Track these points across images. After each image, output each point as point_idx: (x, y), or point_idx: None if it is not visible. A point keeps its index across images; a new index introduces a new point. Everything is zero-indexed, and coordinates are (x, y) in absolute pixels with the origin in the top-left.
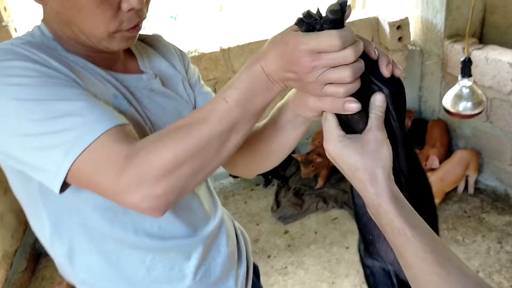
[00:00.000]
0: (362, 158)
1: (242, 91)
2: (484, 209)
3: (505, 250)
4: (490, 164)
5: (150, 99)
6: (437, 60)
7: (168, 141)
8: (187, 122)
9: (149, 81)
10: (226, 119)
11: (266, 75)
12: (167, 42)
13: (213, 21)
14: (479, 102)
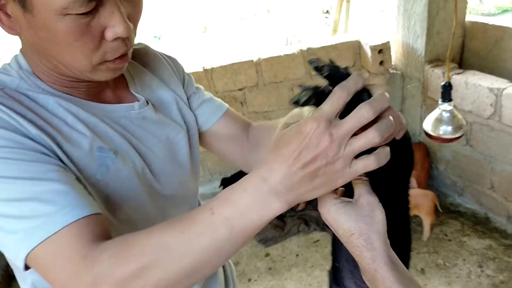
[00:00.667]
0: (356, 223)
1: (232, 204)
2: (465, 233)
3: (486, 274)
4: (470, 188)
5: (143, 128)
6: (418, 84)
7: (135, 250)
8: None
9: (141, 109)
10: (207, 234)
11: (266, 185)
12: (156, 53)
13: (197, 42)
14: (460, 126)
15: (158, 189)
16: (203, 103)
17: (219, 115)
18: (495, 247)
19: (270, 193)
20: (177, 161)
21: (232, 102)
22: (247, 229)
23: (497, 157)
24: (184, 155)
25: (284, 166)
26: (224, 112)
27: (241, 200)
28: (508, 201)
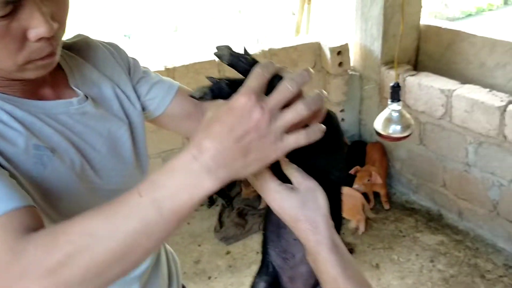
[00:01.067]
0: (301, 210)
1: (160, 185)
2: (419, 229)
3: (437, 269)
4: (424, 186)
5: (83, 124)
6: (375, 85)
7: (61, 239)
8: (86, 214)
9: (80, 104)
10: (134, 216)
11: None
12: (96, 44)
13: (167, 41)
14: (408, 126)
15: (100, 185)
16: (153, 86)
17: (171, 97)
18: (446, 242)
19: (201, 171)
20: (120, 155)
21: None
22: (178, 210)
23: (448, 156)
24: (127, 150)
25: (216, 142)
26: (176, 92)
27: (170, 181)
28: (459, 198)
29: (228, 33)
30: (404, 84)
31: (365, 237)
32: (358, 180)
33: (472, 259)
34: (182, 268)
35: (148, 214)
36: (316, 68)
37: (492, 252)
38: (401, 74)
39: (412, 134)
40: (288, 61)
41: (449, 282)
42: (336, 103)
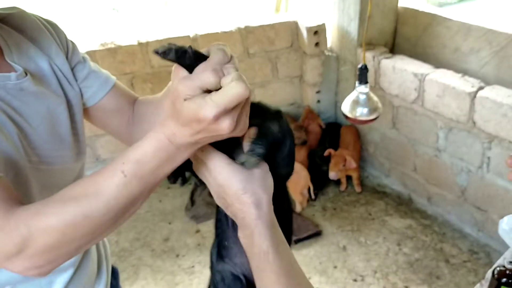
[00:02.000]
0: (251, 183)
1: (144, 164)
2: (388, 212)
3: (403, 252)
4: (396, 170)
5: (20, 100)
6: (351, 67)
7: (53, 218)
8: (76, 194)
9: (19, 80)
10: (122, 194)
11: (172, 145)
12: (33, 19)
13: (157, 15)
14: (375, 109)
15: (36, 162)
16: (90, 75)
17: (106, 89)
18: (414, 226)
19: (176, 151)
20: (58, 134)
21: (169, 78)
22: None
23: (420, 140)
24: (65, 129)
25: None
26: (112, 86)
27: (152, 162)
28: (429, 183)
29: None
30: (379, 66)
31: (334, 219)
32: (333, 166)
33: (438, 244)
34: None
35: (134, 190)
36: (293, 48)
37: (458, 237)
38: (377, 57)
39: (386, 117)
40: (265, 39)
41: (414, 265)
42: (312, 84)
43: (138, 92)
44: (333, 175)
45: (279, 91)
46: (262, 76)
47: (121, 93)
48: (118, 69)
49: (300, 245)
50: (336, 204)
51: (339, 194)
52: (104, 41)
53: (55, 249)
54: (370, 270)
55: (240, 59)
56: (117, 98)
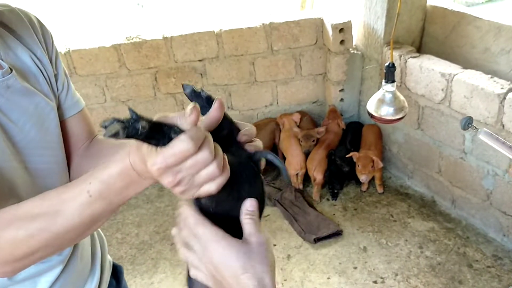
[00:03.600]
0: (250, 261)
1: (109, 186)
2: (410, 214)
3: (425, 255)
4: (419, 171)
5: (6, 98)
6: (376, 66)
7: (21, 232)
8: (44, 211)
9: (4, 77)
10: (87, 212)
11: (135, 172)
12: (21, 17)
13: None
14: (401, 108)
15: (23, 162)
16: (68, 92)
17: (75, 111)
18: (437, 229)
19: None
20: (46, 133)
21: (192, 73)
22: (122, 202)
23: (445, 141)
24: (54, 127)
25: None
26: (81, 110)
27: (117, 184)
28: (454, 186)
29: (233, 4)
30: (405, 66)
31: (355, 220)
32: (363, 168)
33: (462, 248)
34: (170, 240)
35: (97, 208)
36: (317, 45)
37: (482, 242)
38: (403, 56)
39: (411, 118)
40: (289, 36)
41: (436, 269)
42: (336, 82)
43: (162, 87)
44: (365, 178)
45: (302, 89)
46: (285, 73)
47: (85, 121)
48: (143, 63)
49: (320, 244)
50: (357, 204)
51: (360, 194)
52: (130, 35)
53: (20, 258)
54: (390, 273)
55: (263, 55)
56: (80, 124)
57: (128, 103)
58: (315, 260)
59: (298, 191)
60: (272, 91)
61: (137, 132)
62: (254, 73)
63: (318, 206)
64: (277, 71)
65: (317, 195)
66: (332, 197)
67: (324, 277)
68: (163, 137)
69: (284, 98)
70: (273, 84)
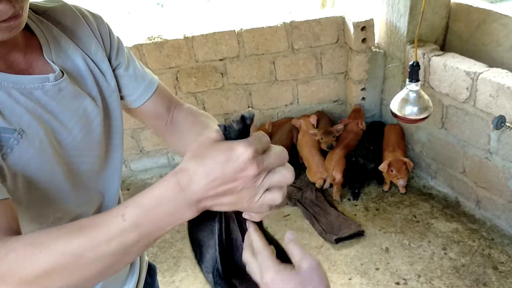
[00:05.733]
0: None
1: (147, 211)
2: (434, 215)
3: (449, 257)
4: (443, 171)
5: (58, 102)
6: (399, 64)
7: (42, 253)
8: (69, 230)
9: (57, 80)
10: (117, 241)
11: (183, 194)
12: (75, 12)
13: (201, 10)
14: (425, 108)
15: (71, 165)
16: (135, 79)
17: (148, 95)
18: (461, 231)
19: (185, 204)
20: (92, 136)
21: (213, 73)
22: (158, 235)
23: (470, 141)
24: (98, 131)
25: (204, 179)
26: (155, 90)
27: (156, 210)
28: (478, 186)
29: (254, 3)
30: (429, 64)
31: (377, 220)
32: (398, 174)
33: (486, 250)
34: None
35: (129, 238)
36: (338, 44)
37: (508, 244)
38: (427, 54)
39: (435, 117)
40: (310, 34)
41: (460, 271)
42: (358, 81)
43: (183, 86)
44: (403, 182)
45: (323, 88)
46: (306, 72)
47: (161, 98)
48: (164, 62)
49: (341, 245)
50: (379, 204)
51: (382, 195)
52: (151, 35)
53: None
54: (413, 274)
55: (284, 54)
56: (157, 104)
57: None
58: (336, 260)
59: (319, 191)
60: (292, 90)
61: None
62: (275, 72)
63: (339, 206)
64: (298, 70)
65: (337, 194)
66: (353, 197)
67: (345, 278)
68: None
69: (304, 97)
70: (293, 83)
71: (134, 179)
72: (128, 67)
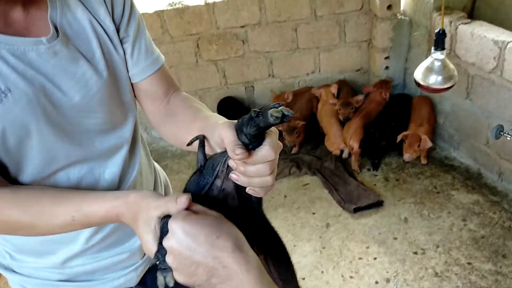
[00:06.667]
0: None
1: (92, 219)
2: (455, 186)
3: (468, 228)
4: (466, 142)
5: (52, 64)
6: (425, 32)
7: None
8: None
9: (51, 43)
10: (67, 229)
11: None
12: None
13: None
14: (450, 77)
15: (65, 124)
16: (141, 54)
17: (152, 71)
18: (482, 202)
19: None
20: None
21: (234, 40)
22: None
23: (495, 113)
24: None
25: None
26: (158, 69)
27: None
28: (502, 159)
29: None
30: (455, 32)
31: (396, 191)
32: (408, 147)
33: (507, 222)
34: None
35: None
36: (363, 10)
37: None
38: (454, 22)
39: (459, 87)
40: (334, 1)
41: (479, 242)
42: (382, 49)
43: (203, 54)
44: (408, 156)
45: (345, 56)
46: (328, 40)
47: (162, 79)
48: (185, 29)
49: (359, 214)
50: (399, 175)
51: (402, 165)
52: (172, 1)
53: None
54: (431, 244)
55: (307, 21)
56: (157, 84)
57: (171, 70)
58: (354, 229)
59: (338, 161)
60: (314, 58)
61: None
62: (297, 40)
63: (358, 176)
64: (320, 38)
65: (356, 164)
66: (373, 167)
67: (363, 247)
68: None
69: (326, 66)
70: (315, 51)
71: (156, 145)
72: (136, 41)
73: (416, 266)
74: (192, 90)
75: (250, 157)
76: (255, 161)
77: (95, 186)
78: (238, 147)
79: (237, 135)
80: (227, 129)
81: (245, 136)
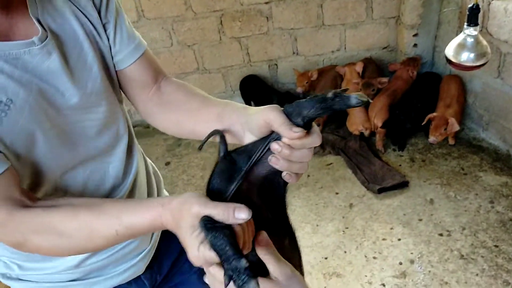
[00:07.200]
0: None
1: (136, 230)
2: (482, 168)
3: (496, 210)
4: (496, 123)
5: (48, 66)
6: (455, 8)
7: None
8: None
9: (43, 42)
10: (111, 243)
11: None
12: None
13: None
14: (483, 54)
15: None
16: (123, 39)
17: (137, 55)
18: (510, 184)
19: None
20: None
21: (258, 17)
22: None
23: None
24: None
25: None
26: (141, 55)
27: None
28: None
29: None
30: (488, 8)
31: (422, 171)
32: (433, 130)
33: None
34: None
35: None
36: None
37: None
38: None
39: (491, 65)
40: None
41: (507, 225)
42: (410, 26)
43: (227, 31)
44: (433, 139)
45: (372, 33)
46: (355, 16)
47: (149, 65)
48: (208, 5)
49: (384, 195)
50: (425, 156)
51: (429, 146)
52: None
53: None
54: (457, 226)
55: None
56: (143, 70)
57: (194, 47)
58: (378, 210)
59: (363, 140)
60: (340, 35)
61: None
62: (322, 16)
63: (383, 156)
64: (347, 14)
65: (380, 144)
66: (398, 148)
67: (387, 227)
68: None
69: (352, 43)
70: (341, 28)
71: None
72: (117, 25)
73: (441, 248)
74: (215, 68)
75: (306, 137)
76: (304, 145)
77: (102, 183)
78: (294, 126)
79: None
80: (275, 112)
81: (302, 119)
